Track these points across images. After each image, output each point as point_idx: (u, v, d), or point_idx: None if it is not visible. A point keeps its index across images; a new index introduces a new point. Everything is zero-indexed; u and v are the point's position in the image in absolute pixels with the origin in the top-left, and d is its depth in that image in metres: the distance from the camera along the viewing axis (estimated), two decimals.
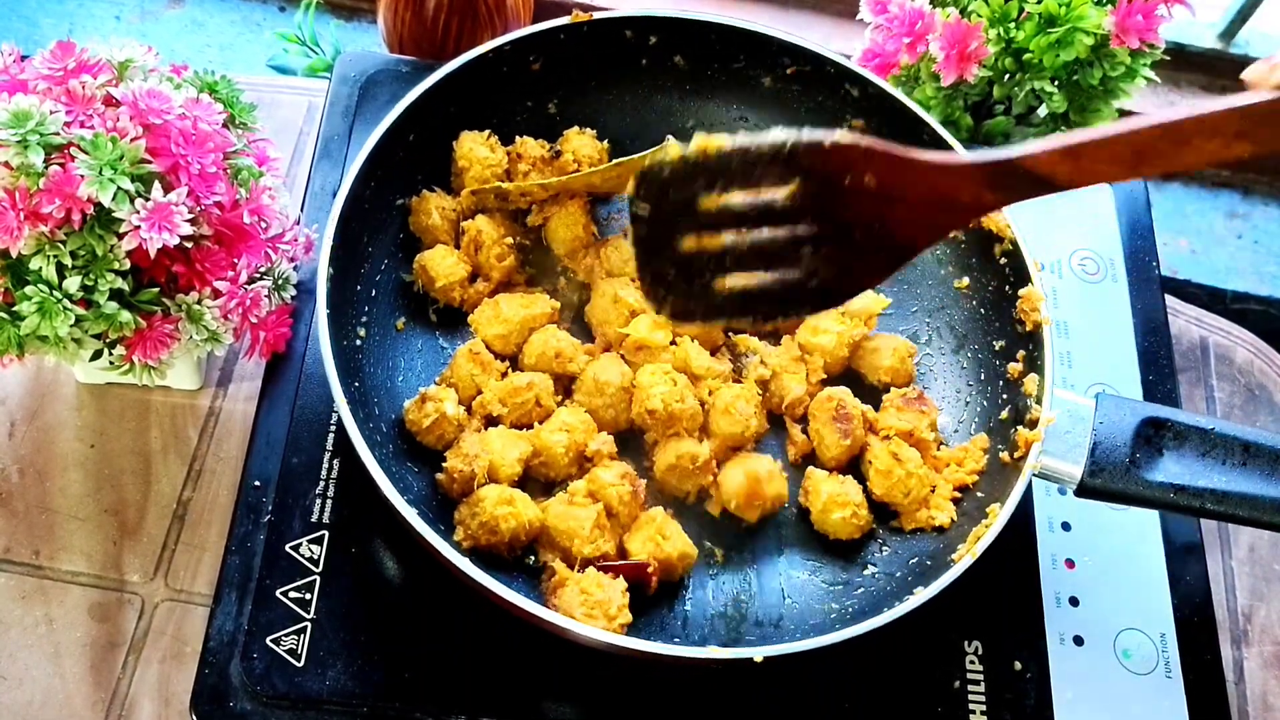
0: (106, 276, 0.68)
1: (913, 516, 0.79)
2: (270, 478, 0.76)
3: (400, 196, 0.85)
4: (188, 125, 0.69)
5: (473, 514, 0.73)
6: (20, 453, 0.82)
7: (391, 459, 0.75)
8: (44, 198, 0.65)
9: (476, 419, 0.78)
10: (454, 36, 0.98)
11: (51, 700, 0.74)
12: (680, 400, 0.78)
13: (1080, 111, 0.98)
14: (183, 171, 0.68)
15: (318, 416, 0.78)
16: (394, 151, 0.82)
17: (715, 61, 0.92)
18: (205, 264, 0.71)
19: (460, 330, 0.84)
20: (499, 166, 0.87)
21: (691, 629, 0.74)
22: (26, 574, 0.78)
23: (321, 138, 0.90)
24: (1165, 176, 1.78)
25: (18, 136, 0.65)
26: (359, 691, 0.69)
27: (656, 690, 0.72)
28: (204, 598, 0.77)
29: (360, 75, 0.93)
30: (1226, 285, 1.69)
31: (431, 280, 0.83)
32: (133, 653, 0.76)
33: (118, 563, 0.78)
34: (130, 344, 0.71)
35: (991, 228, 0.85)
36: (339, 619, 0.71)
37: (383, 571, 0.74)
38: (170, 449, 0.83)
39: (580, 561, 0.73)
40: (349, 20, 1.74)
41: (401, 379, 0.81)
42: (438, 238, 0.85)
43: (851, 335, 0.84)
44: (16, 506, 0.80)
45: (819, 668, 0.74)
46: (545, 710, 0.72)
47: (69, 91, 0.68)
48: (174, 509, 0.81)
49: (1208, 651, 0.78)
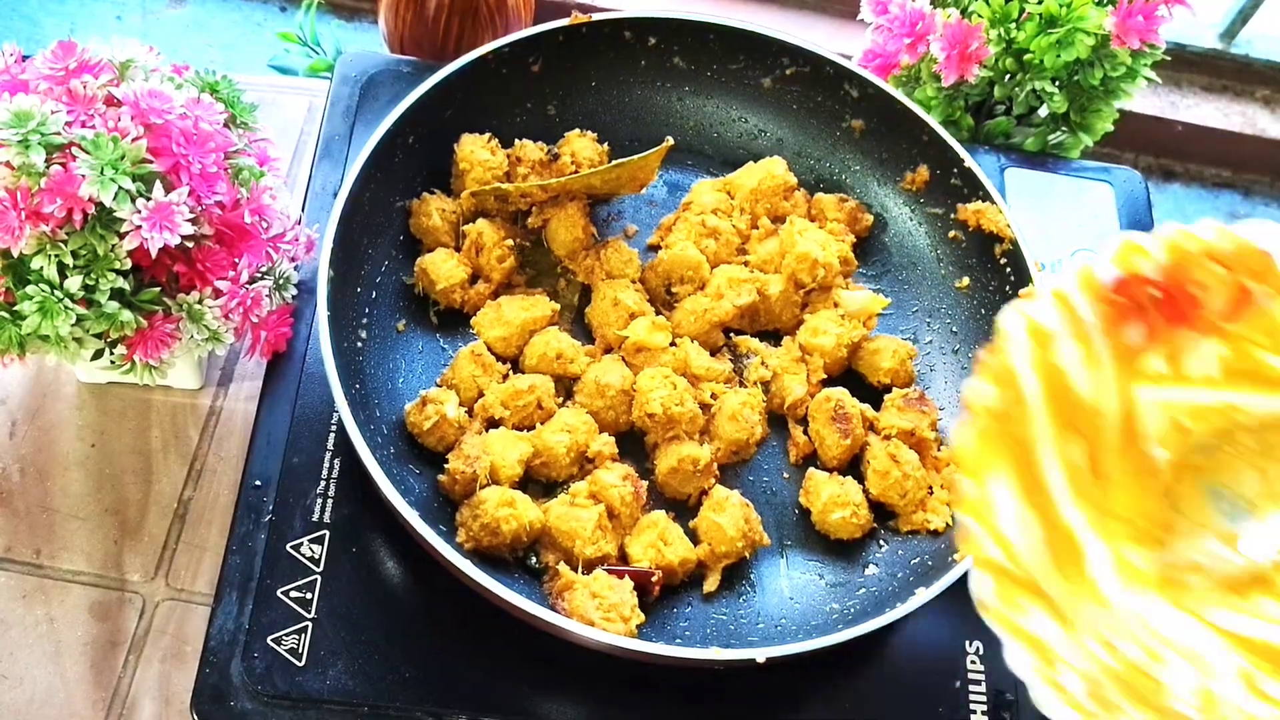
0: (108, 276, 0.68)
1: (909, 519, 0.79)
2: (271, 477, 0.76)
3: (400, 198, 0.85)
4: (189, 125, 0.69)
5: (474, 515, 0.73)
6: (21, 452, 0.82)
7: (393, 461, 0.75)
8: (45, 197, 0.65)
9: (478, 421, 0.78)
10: (455, 37, 0.98)
11: (52, 699, 0.74)
12: (680, 404, 0.78)
13: (1081, 112, 0.98)
14: (184, 171, 0.68)
15: (318, 416, 0.78)
16: (393, 153, 0.82)
17: (715, 62, 0.92)
18: (206, 263, 0.72)
19: (461, 332, 0.84)
20: (499, 169, 0.87)
21: (694, 629, 0.74)
22: (27, 573, 0.78)
23: (322, 138, 0.90)
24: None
25: (19, 136, 0.65)
26: (359, 691, 0.69)
27: (657, 690, 0.72)
28: (205, 597, 0.77)
29: (361, 75, 0.93)
30: None
31: (432, 282, 0.83)
32: (133, 652, 0.76)
33: (118, 562, 0.78)
34: (131, 343, 0.71)
35: (992, 228, 0.85)
36: (340, 619, 0.71)
37: (383, 571, 0.74)
38: (171, 448, 0.83)
39: (584, 563, 0.73)
40: (350, 20, 1.74)
41: (402, 381, 0.81)
42: (438, 239, 0.85)
43: (851, 336, 0.84)
44: (17, 506, 0.80)
45: (821, 668, 0.74)
46: (545, 710, 0.72)
47: (70, 91, 0.68)
48: (175, 508, 0.81)
49: None
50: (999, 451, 0.53)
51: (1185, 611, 0.55)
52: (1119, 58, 0.94)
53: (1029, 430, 0.55)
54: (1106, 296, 0.58)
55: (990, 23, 0.94)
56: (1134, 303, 0.58)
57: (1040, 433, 0.56)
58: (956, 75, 0.94)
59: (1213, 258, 0.58)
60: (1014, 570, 0.49)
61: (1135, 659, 0.52)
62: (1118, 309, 0.58)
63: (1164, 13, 0.94)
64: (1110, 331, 0.58)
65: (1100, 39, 0.93)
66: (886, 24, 0.97)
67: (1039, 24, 0.93)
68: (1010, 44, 0.94)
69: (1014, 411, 0.55)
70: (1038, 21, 0.93)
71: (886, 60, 0.98)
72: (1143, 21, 0.92)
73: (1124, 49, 0.94)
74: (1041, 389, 0.56)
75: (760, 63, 0.91)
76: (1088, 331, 0.57)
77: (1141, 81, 0.97)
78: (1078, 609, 0.52)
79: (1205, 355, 0.58)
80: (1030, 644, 0.47)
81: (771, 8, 1.75)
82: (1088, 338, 0.57)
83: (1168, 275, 0.58)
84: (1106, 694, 0.48)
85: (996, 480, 0.52)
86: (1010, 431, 0.54)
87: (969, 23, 0.94)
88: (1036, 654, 0.47)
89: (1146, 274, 0.58)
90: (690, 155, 0.95)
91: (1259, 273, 0.57)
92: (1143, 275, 0.58)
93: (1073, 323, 0.57)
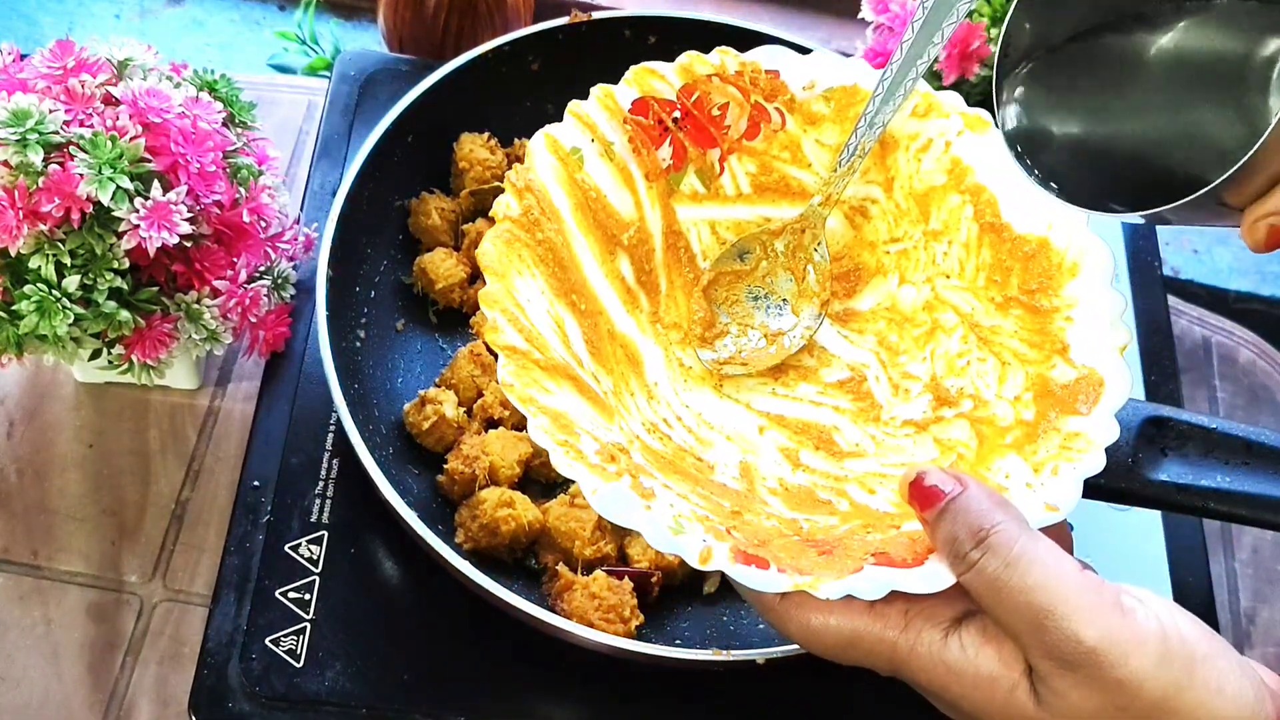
0: (105, 276, 0.68)
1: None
2: (269, 478, 0.75)
3: (399, 198, 0.85)
4: (187, 124, 0.69)
5: (473, 516, 0.72)
6: (18, 453, 0.82)
7: (391, 461, 0.75)
8: (43, 196, 0.65)
9: (477, 421, 0.78)
10: (454, 35, 0.98)
11: (49, 701, 0.73)
12: None
13: None
14: (182, 170, 0.68)
15: (317, 416, 0.78)
16: (392, 153, 0.82)
17: None
18: (204, 263, 0.71)
19: (460, 332, 0.84)
20: (499, 168, 0.87)
21: (694, 631, 0.74)
22: (24, 574, 0.77)
23: (321, 137, 0.90)
24: None
25: (17, 135, 0.64)
26: (358, 692, 0.69)
27: (657, 691, 0.72)
28: (202, 598, 0.77)
29: (360, 74, 0.93)
30: (1229, 285, 1.69)
31: (431, 282, 0.82)
32: (131, 653, 0.75)
33: (116, 563, 0.78)
34: (129, 343, 0.71)
35: None
36: (338, 620, 0.71)
37: (382, 572, 0.74)
38: (169, 449, 0.83)
39: (583, 564, 0.73)
40: (349, 19, 1.74)
41: (401, 380, 0.80)
42: (437, 239, 0.85)
43: None
44: (15, 507, 0.80)
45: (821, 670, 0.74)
46: (544, 711, 0.71)
47: (68, 90, 0.68)
48: (172, 509, 0.81)
49: None
50: (526, 257, 0.58)
51: (731, 400, 0.64)
52: None
53: (564, 240, 0.61)
54: (626, 117, 0.64)
55: (991, 21, 0.94)
56: (659, 125, 0.64)
57: (577, 244, 0.62)
58: (957, 74, 0.94)
59: (725, 79, 0.65)
60: (537, 357, 0.54)
61: (683, 442, 0.60)
62: (645, 130, 0.65)
63: None
64: (640, 152, 0.65)
65: None
66: (887, 22, 0.96)
67: None
68: None
69: (545, 222, 0.60)
70: None
71: (887, 59, 0.98)
72: None
73: None
74: (571, 203, 0.62)
75: None
76: (616, 151, 0.64)
77: None
78: (624, 400, 0.60)
79: (735, 173, 0.66)
80: (551, 417, 0.52)
81: (771, 7, 1.75)
82: (616, 156, 0.64)
83: (686, 96, 0.64)
84: (636, 462, 0.55)
85: (525, 280, 0.57)
86: (541, 240, 0.59)
87: (970, 21, 0.94)
88: (556, 425, 0.52)
89: (663, 95, 0.64)
90: None
91: (770, 92, 0.65)
92: (660, 97, 0.64)
93: (599, 142, 0.64)
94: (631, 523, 0.49)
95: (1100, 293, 0.58)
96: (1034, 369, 0.58)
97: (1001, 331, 0.60)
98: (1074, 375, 0.57)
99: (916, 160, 0.64)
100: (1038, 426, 0.56)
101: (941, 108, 0.64)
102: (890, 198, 0.65)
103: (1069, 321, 0.58)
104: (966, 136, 0.63)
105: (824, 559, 0.51)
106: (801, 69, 0.65)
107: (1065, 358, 0.57)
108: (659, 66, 0.64)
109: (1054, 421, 0.56)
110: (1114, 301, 0.57)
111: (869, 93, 0.63)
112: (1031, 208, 0.60)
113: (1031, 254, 0.60)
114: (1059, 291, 0.59)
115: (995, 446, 0.57)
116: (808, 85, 0.65)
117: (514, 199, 0.59)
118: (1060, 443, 0.55)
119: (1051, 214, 0.59)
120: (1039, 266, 0.59)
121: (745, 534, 0.53)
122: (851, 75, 0.65)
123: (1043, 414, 0.57)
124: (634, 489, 0.51)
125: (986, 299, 0.61)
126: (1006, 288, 0.60)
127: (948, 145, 0.63)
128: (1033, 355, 0.59)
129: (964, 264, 0.62)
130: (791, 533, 0.55)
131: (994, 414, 0.58)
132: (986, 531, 0.45)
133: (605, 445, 0.53)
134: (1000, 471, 0.55)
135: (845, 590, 0.47)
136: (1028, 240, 0.60)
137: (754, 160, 0.66)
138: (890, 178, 0.65)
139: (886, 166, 0.65)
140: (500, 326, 0.54)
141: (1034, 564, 0.44)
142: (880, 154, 0.65)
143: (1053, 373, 0.57)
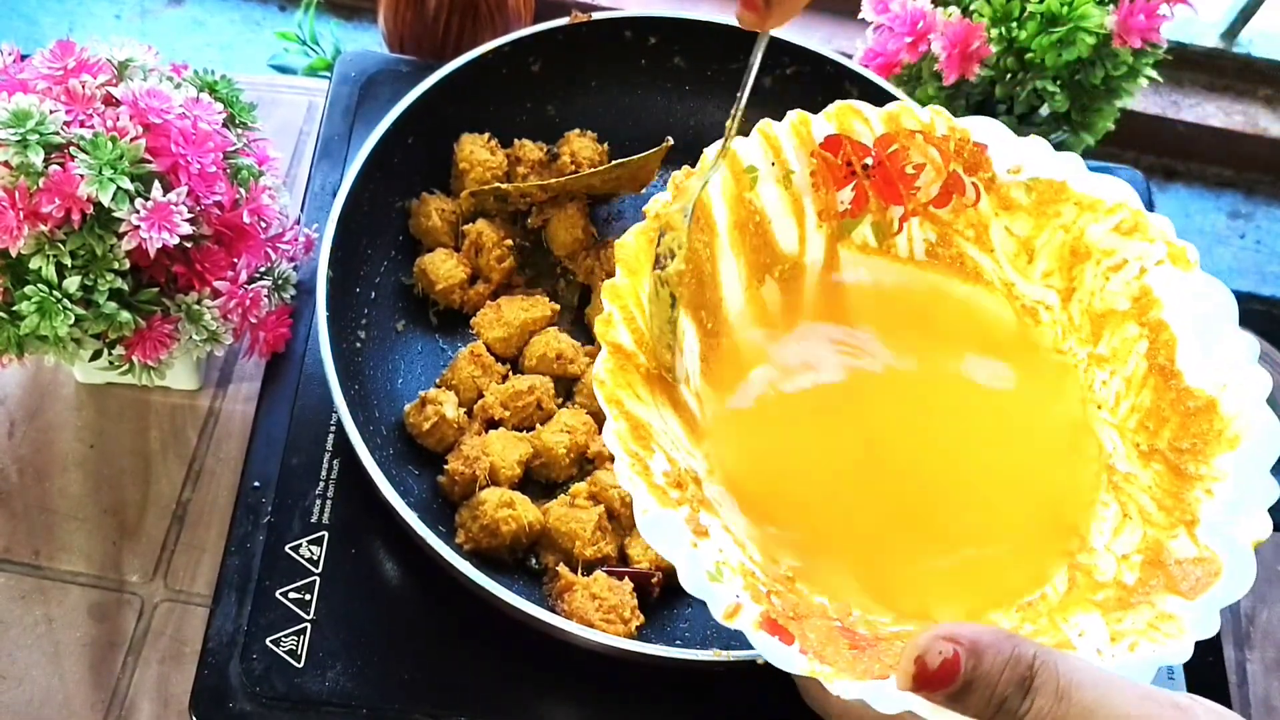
0: (106, 276, 0.68)
1: None
2: (270, 478, 0.75)
3: (399, 199, 0.85)
4: (187, 125, 0.69)
5: (473, 516, 0.73)
6: (20, 453, 0.82)
7: (392, 462, 0.75)
8: (43, 197, 0.65)
9: (477, 421, 0.78)
10: (454, 36, 0.98)
11: (51, 700, 0.74)
12: None
13: (1082, 111, 0.98)
14: (182, 171, 0.68)
15: (317, 417, 0.78)
16: (393, 153, 0.82)
17: (715, 62, 0.92)
18: (205, 264, 0.71)
19: (460, 332, 0.84)
20: (499, 169, 0.87)
21: (694, 631, 0.74)
22: (26, 574, 0.78)
23: (321, 137, 0.90)
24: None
25: (17, 136, 0.64)
26: (359, 692, 0.69)
27: (657, 691, 0.72)
28: (203, 598, 0.77)
29: (360, 75, 0.93)
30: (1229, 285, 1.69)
31: (431, 283, 0.83)
32: (132, 653, 0.76)
33: (117, 563, 0.78)
34: (130, 344, 0.71)
35: None
36: (339, 620, 0.71)
37: (383, 572, 0.74)
38: (170, 449, 0.83)
39: (584, 565, 0.73)
40: (349, 19, 1.74)
41: (401, 381, 0.80)
42: (438, 240, 0.85)
43: None
44: (16, 506, 0.80)
45: None
46: (545, 712, 0.71)
47: (69, 91, 0.68)
48: (173, 509, 0.81)
49: (1210, 654, 0.78)
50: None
51: None
52: (1120, 57, 0.94)
53: (710, 254, 0.59)
54: (815, 150, 0.61)
55: (991, 22, 0.94)
56: (847, 166, 0.61)
57: (724, 262, 0.59)
58: (957, 74, 0.94)
59: (929, 140, 0.61)
60: (641, 361, 0.52)
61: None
62: (831, 168, 0.61)
63: (1165, 12, 0.93)
64: (820, 188, 0.62)
65: (1102, 38, 0.92)
66: (887, 23, 0.96)
67: (1040, 23, 0.92)
68: (1011, 43, 0.94)
69: (698, 232, 0.58)
70: (1039, 20, 0.92)
71: (887, 59, 0.98)
72: (1144, 20, 0.92)
73: (1125, 48, 0.93)
74: (731, 220, 0.59)
75: (760, 62, 0.91)
76: (794, 181, 0.61)
77: (1143, 81, 0.96)
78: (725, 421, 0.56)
79: (913, 236, 0.63)
80: (632, 424, 0.50)
81: None
82: (793, 185, 0.61)
83: (883, 146, 0.61)
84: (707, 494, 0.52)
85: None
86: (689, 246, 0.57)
87: (970, 22, 0.94)
88: (633, 434, 0.49)
89: (860, 139, 0.61)
90: (690, 155, 0.94)
91: (972, 165, 0.61)
92: (855, 138, 0.61)
93: (780, 167, 0.61)
94: (670, 555, 0.47)
95: (1253, 477, 0.51)
96: (1154, 532, 0.53)
97: (1135, 481, 0.55)
98: (1194, 553, 0.51)
99: (1105, 278, 0.59)
100: (1134, 593, 0.51)
101: (1148, 230, 0.58)
102: (1065, 308, 0.60)
103: (1209, 495, 0.52)
104: (1165, 268, 0.57)
105: (853, 655, 0.47)
106: (1011, 150, 0.61)
107: (1191, 531, 0.51)
108: (864, 108, 0.61)
109: (1153, 593, 0.50)
110: (1267, 489, 0.51)
111: (1077, 194, 0.59)
112: (1211, 363, 0.55)
113: (1194, 412, 0.54)
114: (1210, 460, 0.53)
115: (1082, 599, 0.52)
116: (1013, 169, 0.61)
117: (674, 199, 0.57)
118: (1150, 620, 0.49)
119: (1230, 376, 0.54)
120: (1198, 427, 0.54)
121: (785, 603, 0.50)
122: (1062, 171, 0.60)
123: (1144, 581, 0.51)
124: (688, 522, 0.48)
125: (1131, 443, 0.56)
126: (1156, 438, 0.55)
127: (1142, 271, 0.58)
128: (1158, 518, 0.53)
129: (1120, 399, 0.57)
130: (837, 616, 0.51)
131: (1096, 563, 0.53)
132: (1029, 675, 0.41)
133: (676, 468, 0.50)
134: (1076, 627, 0.50)
135: (859, 694, 0.44)
136: (1195, 395, 0.54)
137: (935, 229, 0.62)
138: (1071, 288, 0.60)
139: (1071, 276, 0.60)
140: (615, 322, 0.52)
141: (1082, 686, 0.41)
142: (1069, 260, 0.60)
143: (1173, 542, 0.52)
